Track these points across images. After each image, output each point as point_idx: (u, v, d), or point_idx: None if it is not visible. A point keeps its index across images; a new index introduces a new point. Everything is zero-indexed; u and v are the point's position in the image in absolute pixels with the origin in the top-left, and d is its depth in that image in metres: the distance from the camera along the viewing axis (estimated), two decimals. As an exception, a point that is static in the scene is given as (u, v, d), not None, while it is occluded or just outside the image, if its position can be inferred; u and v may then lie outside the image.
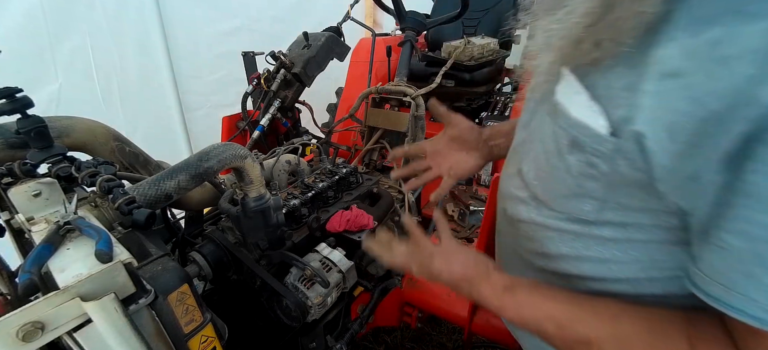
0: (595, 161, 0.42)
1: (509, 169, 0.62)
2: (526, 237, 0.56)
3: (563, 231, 0.49)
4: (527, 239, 0.56)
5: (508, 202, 0.60)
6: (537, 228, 0.53)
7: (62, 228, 0.49)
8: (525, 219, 0.55)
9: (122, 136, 0.86)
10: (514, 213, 0.58)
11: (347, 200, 1.12)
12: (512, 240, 0.61)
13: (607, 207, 0.44)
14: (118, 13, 2.03)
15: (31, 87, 0.88)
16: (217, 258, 0.84)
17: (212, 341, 0.54)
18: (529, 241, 0.56)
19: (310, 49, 1.58)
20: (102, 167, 0.59)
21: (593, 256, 0.48)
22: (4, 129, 0.68)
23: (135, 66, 2.15)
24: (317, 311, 0.82)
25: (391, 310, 1.31)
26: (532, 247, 0.55)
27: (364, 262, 1.13)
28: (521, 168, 0.56)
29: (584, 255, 0.48)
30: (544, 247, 0.53)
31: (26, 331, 0.36)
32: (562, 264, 0.51)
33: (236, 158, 0.69)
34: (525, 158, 0.55)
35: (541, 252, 0.54)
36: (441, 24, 1.64)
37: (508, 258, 0.65)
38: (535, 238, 0.54)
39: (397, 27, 2.08)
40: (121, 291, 0.42)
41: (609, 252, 0.46)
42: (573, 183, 0.46)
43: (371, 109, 1.48)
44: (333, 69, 1.77)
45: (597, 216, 0.45)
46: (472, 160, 0.81)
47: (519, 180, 0.56)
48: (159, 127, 2.32)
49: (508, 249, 0.65)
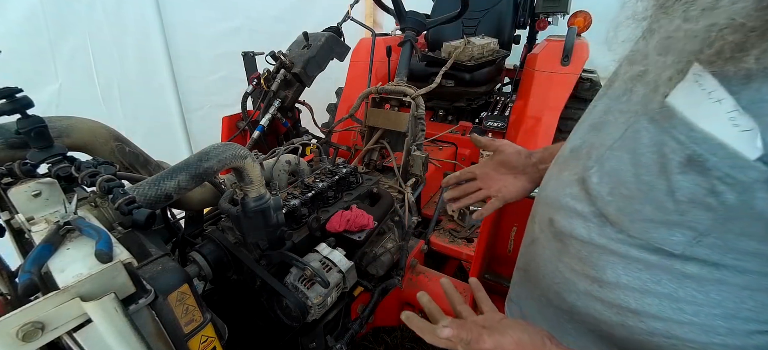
0: (720, 189, 0.34)
1: (564, 175, 0.54)
2: (576, 256, 0.50)
3: (630, 258, 0.43)
4: (578, 259, 0.50)
5: (558, 214, 0.53)
6: (594, 249, 0.47)
7: (62, 228, 0.49)
8: (581, 237, 0.48)
9: (122, 136, 0.86)
10: (565, 228, 0.51)
11: (347, 200, 1.12)
12: (555, 255, 0.55)
13: (705, 242, 0.38)
14: (118, 13, 2.03)
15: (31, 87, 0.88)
16: (217, 258, 0.84)
17: (212, 341, 0.54)
18: (580, 262, 0.49)
19: (310, 49, 1.58)
20: (102, 167, 0.59)
21: (663, 292, 0.42)
22: (4, 129, 0.68)
23: (135, 66, 2.15)
24: (317, 311, 0.82)
25: (391, 310, 1.30)
26: (582, 269, 0.49)
27: (364, 262, 1.13)
28: (588, 178, 0.48)
29: (651, 289, 0.42)
30: (599, 272, 0.47)
31: (26, 331, 0.35)
32: (619, 295, 0.45)
33: (236, 158, 0.69)
34: (596, 167, 0.47)
35: (593, 276, 0.48)
36: (441, 24, 1.64)
37: (545, 274, 0.58)
38: (588, 261, 0.48)
39: (397, 27, 2.09)
40: (121, 291, 0.42)
41: (686, 291, 0.40)
42: (672, 209, 0.38)
43: (371, 109, 1.48)
44: (333, 69, 1.77)
45: (685, 250, 0.39)
46: (520, 183, 0.81)
47: (581, 191, 0.49)
48: (159, 127, 2.32)
49: (546, 264, 0.58)
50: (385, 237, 1.20)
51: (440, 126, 2.40)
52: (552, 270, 0.56)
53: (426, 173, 1.43)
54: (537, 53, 2.07)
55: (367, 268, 1.14)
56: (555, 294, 0.56)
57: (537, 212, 0.62)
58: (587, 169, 0.48)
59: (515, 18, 2.47)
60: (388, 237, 1.20)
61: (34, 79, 1.83)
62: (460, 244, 1.63)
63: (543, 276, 0.59)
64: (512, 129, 2.08)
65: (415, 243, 1.44)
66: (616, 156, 0.44)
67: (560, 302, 0.55)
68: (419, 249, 1.43)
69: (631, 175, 0.42)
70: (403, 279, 1.27)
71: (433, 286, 1.32)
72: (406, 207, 1.29)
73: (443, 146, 2.23)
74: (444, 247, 1.62)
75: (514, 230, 1.14)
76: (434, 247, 1.63)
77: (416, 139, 1.41)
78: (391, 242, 1.19)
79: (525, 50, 2.60)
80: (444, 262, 1.81)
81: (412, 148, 1.39)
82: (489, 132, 2.16)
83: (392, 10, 1.57)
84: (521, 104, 2.07)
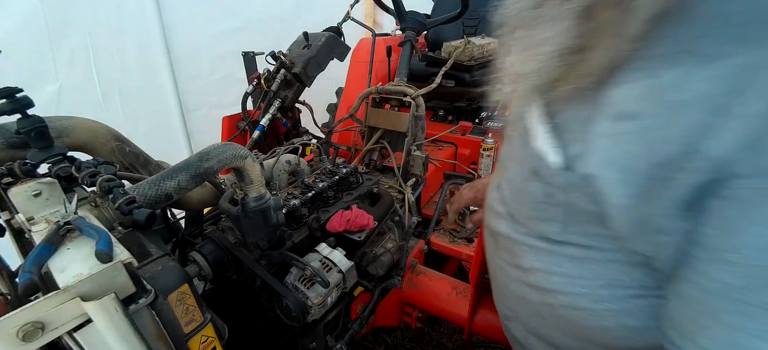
0: (551, 191, 0.43)
1: (493, 181, 0.63)
2: (504, 249, 0.58)
3: (535, 247, 0.51)
4: (506, 251, 0.58)
5: (488, 215, 0.63)
6: (513, 243, 0.55)
7: (62, 228, 0.49)
8: (502, 232, 0.57)
9: (122, 136, 0.86)
10: (494, 227, 0.60)
11: (347, 200, 1.12)
12: (494, 251, 0.64)
13: (570, 230, 0.45)
14: (118, 13, 2.03)
15: (31, 87, 0.89)
16: (217, 258, 0.84)
17: (212, 341, 0.54)
18: (508, 253, 0.58)
19: (310, 49, 1.58)
20: (102, 167, 0.59)
21: (561, 272, 0.49)
22: (4, 129, 0.68)
23: (135, 66, 2.15)
24: (317, 311, 0.82)
25: (391, 310, 1.30)
26: (511, 259, 0.57)
27: (364, 262, 1.13)
28: (501, 183, 0.58)
29: (554, 270, 0.49)
30: (519, 260, 0.54)
31: (26, 331, 0.36)
32: (536, 278, 0.53)
33: (236, 158, 0.69)
34: (504, 174, 0.57)
35: (517, 264, 0.55)
36: (441, 24, 1.64)
37: (494, 268, 0.67)
38: (512, 251, 0.56)
39: (397, 27, 2.08)
40: (121, 291, 0.42)
41: (572, 268, 0.47)
42: (537, 207, 0.47)
43: (371, 109, 1.48)
44: (333, 69, 1.77)
45: (562, 237, 0.47)
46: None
47: (498, 194, 0.58)
48: (159, 127, 2.32)
49: (492, 259, 0.67)
50: (385, 237, 1.20)
51: (440, 126, 2.40)
52: (496, 265, 0.64)
53: (426, 173, 1.43)
54: (537, 53, 2.06)
55: (367, 268, 1.14)
56: (502, 285, 0.63)
57: (485, 216, 0.71)
58: (501, 175, 0.58)
59: (515, 18, 2.47)
60: (388, 237, 1.20)
61: (34, 79, 1.83)
62: (460, 244, 1.63)
63: (494, 271, 0.67)
64: (512, 129, 2.08)
65: (415, 243, 1.44)
66: (510, 166, 0.54)
67: (506, 291, 0.63)
68: (419, 249, 1.43)
69: (518, 180, 0.52)
70: (403, 279, 1.27)
71: (433, 286, 1.32)
72: (406, 207, 1.29)
73: (443, 146, 2.23)
74: (444, 247, 1.62)
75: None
76: (434, 247, 1.63)
77: (416, 139, 1.41)
78: (391, 242, 1.19)
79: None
80: (444, 262, 1.81)
81: (412, 148, 1.39)
82: (489, 132, 2.16)
83: (392, 10, 1.57)
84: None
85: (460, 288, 1.30)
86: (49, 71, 1.89)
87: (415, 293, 1.31)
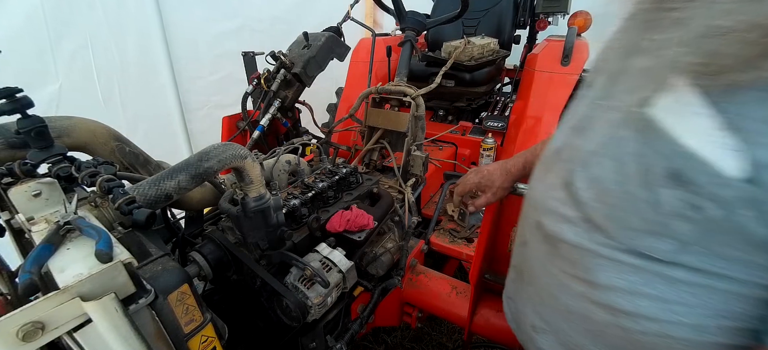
0: (703, 204, 0.34)
1: (549, 178, 0.54)
2: (567, 259, 0.50)
3: (621, 263, 0.43)
4: (569, 262, 0.49)
5: (546, 217, 0.53)
6: (584, 253, 0.47)
7: (62, 228, 0.49)
8: (570, 241, 0.48)
9: (122, 136, 0.86)
10: (554, 231, 0.51)
11: (347, 200, 1.12)
12: (546, 258, 0.55)
13: (690, 250, 0.38)
14: (118, 13, 2.03)
15: (31, 87, 0.88)
16: (217, 258, 0.84)
17: (212, 341, 0.54)
18: (572, 265, 0.49)
19: (310, 49, 1.58)
20: (102, 167, 0.59)
21: (654, 295, 0.42)
22: (4, 129, 0.68)
23: (135, 66, 2.15)
24: (317, 311, 0.82)
25: (391, 310, 1.30)
26: (574, 272, 0.49)
27: (364, 262, 1.13)
28: (572, 182, 0.47)
29: (644, 292, 0.42)
30: (590, 275, 0.46)
31: (26, 331, 0.35)
32: (612, 297, 0.45)
33: (236, 158, 0.69)
34: (580, 172, 0.47)
35: (585, 279, 0.47)
36: (441, 24, 1.64)
37: (539, 275, 0.58)
38: (580, 264, 0.48)
39: (397, 27, 2.08)
40: (121, 291, 0.42)
41: (677, 293, 0.40)
42: (657, 220, 0.38)
43: (371, 109, 1.48)
44: (333, 69, 1.77)
45: (671, 257, 0.39)
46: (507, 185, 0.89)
47: (567, 195, 0.48)
48: (159, 127, 2.32)
49: (539, 266, 0.58)
50: (385, 237, 1.20)
51: (440, 126, 2.40)
52: (545, 273, 0.56)
53: (426, 173, 1.43)
54: (537, 53, 2.07)
55: (367, 268, 1.14)
56: (549, 295, 0.56)
57: (526, 214, 0.62)
58: (572, 172, 0.48)
59: (515, 18, 2.47)
60: (388, 237, 1.20)
61: (34, 79, 1.83)
62: (460, 244, 1.63)
63: (537, 278, 0.59)
64: (512, 129, 2.08)
65: (415, 243, 1.44)
66: (600, 162, 0.44)
67: (555, 303, 0.55)
68: (419, 249, 1.43)
69: (616, 184, 0.42)
70: (403, 279, 1.27)
71: (433, 286, 1.32)
72: (406, 207, 1.29)
73: (443, 146, 2.23)
74: (444, 247, 1.62)
75: (515, 230, 1.14)
76: (434, 247, 1.63)
77: (416, 139, 1.41)
78: (391, 242, 1.19)
79: (525, 50, 2.60)
80: (444, 262, 1.81)
81: (412, 148, 1.39)
82: (489, 132, 2.16)
83: (392, 10, 1.57)
84: (521, 104, 2.07)
85: (460, 288, 1.30)
86: (49, 71, 1.89)
87: (415, 293, 1.31)
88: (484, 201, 0.87)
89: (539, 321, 0.60)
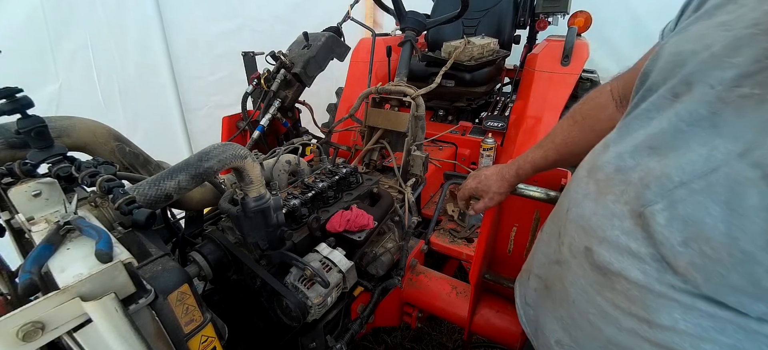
0: None
1: (609, 200, 0.46)
2: (623, 295, 0.44)
3: (694, 308, 0.38)
4: (625, 298, 0.44)
5: (601, 246, 0.46)
6: (649, 293, 0.41)
7: (62, 228, 0.49)
8: (634, 279, 0.42)
9: (122, 136, 0.86)
10: (612, 265, 0.45)
11: (347, 200, 1.12)
12: (592, 287, 0.49)
13: None
14: (118, 13, 2.03)
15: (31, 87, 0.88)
16: (217, 258, 0.84)
17: (212, 341, 0.54)
18: (627, 301, 0.44)
19: (310, 49, 1.58)
20: (102, 167, 0.59)
21: (726, 342, 0.37)
22: (4, 129, 0.68)
23: (135, 66, 2.16)
24: (317, 311, 0.82)
25: (391, 310, 1.30)
26: (630, 308, 0.43)
27: (364, 262, 1.13)
28: (649, 215, 0.40)
29: (712, 337, 0.38)
30: (651, 314, 0.41)
31: (26, 331, 0.36)
32: (673, 338, 0.40)
33: (236, 158, 0.69)
34: (663, 206, 0.39)
35: (642, 317, 0.42)
36: (441, 24, 1.64)
37: (577, 301, 0.53)
38: (640, 301, 0.42)
39: (397, 27, 2.09)
40: (121, 291, 0.42)
41: (754, 345, 0.36)
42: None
43: (371, 109, 1.48)
44: (333, 69, 1.77)
45: (764, 316, 0.34)
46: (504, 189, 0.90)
47: (637, 227, 0.41)
48: (159, 127, 2.33)
49: (579, 291, 0.52)
50: (385, 237, 1.20)
51: (440, 126, 2.40)
52: (587, 300, 0.50)
53: (426, 173, 1.43)
54: (537, 53, 2.07)
55: (367, 268, 1.14)
56: (588, 323, 0.51)
57: (566, 232, 0.54)
58: (648, 203, 0.40)
59: (515, 18, 2.47)
60: (388, 237, 1.20)
61: (34, 79, 1.83)
62: (460, 244, 1.63)
63: (573, 302, 0.53)
64: (512, 129, 2.08)
65: (415, 243, 1.44)
66: (698, 202, 0.36)
67: (594, 332, 0.50)
68: (419, 249, 1.43)
69: (722, 235, 0.34)
70: (403, 279, 1.27)
71: (433, 286, 1.32)
72: (406, 207, 1.29)
73: (443, 146, 2.23)
74: (444, 247, 1.62)
75: (514, 230, 1.14)
76: (434, 247, 1.63)
77: (416, 139, 1.41)
78: (391, 242, 1.19)
79: (525, 50, 2.60)
80: (444, 262, 1.82)
81: (412, 148, 1.39)
82: (489, 132, 2.16)
83: (392, 10, 1.57)
84: (521, 104, 2.07)
85: (460, 288, 1.30)
86: (49, 71, 1.89)
87: (415, 293, 1.31)
88: (483, 206, 0.89)
89: (568, 339, 0.56)
